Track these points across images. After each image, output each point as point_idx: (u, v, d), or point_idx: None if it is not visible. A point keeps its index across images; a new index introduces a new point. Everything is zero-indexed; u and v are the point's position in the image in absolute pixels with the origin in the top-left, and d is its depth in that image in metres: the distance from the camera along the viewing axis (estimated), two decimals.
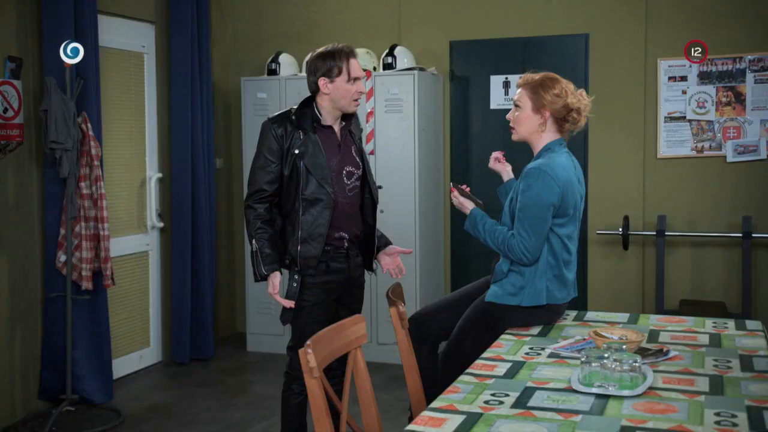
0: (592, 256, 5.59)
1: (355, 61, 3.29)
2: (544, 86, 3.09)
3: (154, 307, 5.54)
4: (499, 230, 3.11)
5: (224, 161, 6.27)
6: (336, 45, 3.32)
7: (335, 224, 3.29)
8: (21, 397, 4.50)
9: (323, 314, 3.31)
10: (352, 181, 3.35)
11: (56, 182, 4.44)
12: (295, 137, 3.25)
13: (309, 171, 3.23)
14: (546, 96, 3.07)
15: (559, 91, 3.08)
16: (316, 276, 3.28)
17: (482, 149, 5.82)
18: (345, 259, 3.35)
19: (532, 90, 3.10)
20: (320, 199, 3.24)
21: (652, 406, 2.15)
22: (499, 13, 5.71)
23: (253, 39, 6.25)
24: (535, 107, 3.10)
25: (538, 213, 3.00)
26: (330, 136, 3.33)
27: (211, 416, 4.57)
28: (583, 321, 3.18)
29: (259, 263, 3.25)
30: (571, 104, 3.09)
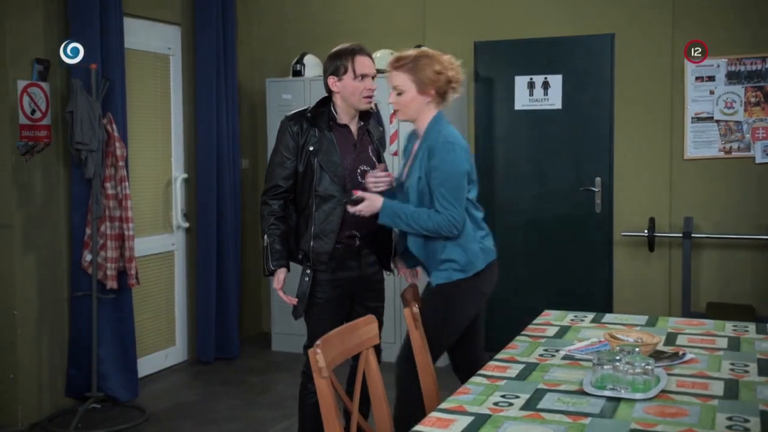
0: (617, 257, 5.54)
1: (362, 59, 3.29)
2: (424, 66, 3.10)
3: (179, 307, 5.61)
4: (420, 212, 3.09)
5: (250, 162, 6.32)
6: (345, 44, 3.35)
7: (347, 222, 3.31)
8: (48, 394, 4.57)
9: (335, 311, 3.34)
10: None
11: (82, 183, 4.50)
12: (310, 134, 3.30)
13: (322, 168, 3.27)
14: (429, 75, 3.09)
15: (440, 68, 3.11)
16: (327, 273, 3.31)
17: (507, 150, 5.80)
18: (356, 257, 3.36)
19: (413, 72, 3.10)
20: (333, 196, 3.28)
21: (663, 409, 2.13)
22: (523, 13, 5.68)
23: (278, 40, 6.29)
24: (420, 89, 3.11)
25: (457, 183, 3.07)
26: (346, 135, 3.36)
27: (234, 415, 4.60)
28: (600, 323, 3.15)
29: (268, 258, 3.32)
30: (452, 77, 3.14)
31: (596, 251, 5.59)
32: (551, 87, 5.61)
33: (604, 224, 5.55)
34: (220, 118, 5.59)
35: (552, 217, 5.69)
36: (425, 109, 3.16)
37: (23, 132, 4.34)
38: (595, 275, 5.60)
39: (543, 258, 5.72)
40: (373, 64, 3.34)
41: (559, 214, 5.67)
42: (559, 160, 5.65)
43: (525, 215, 5.76)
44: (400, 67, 3.13)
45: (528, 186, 5.74)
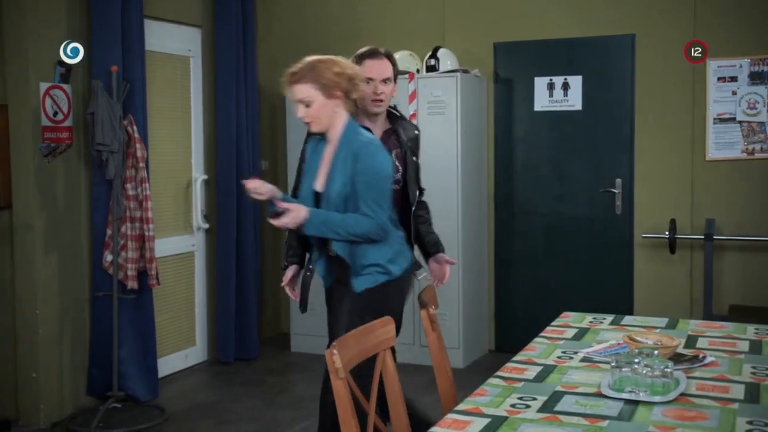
0: (637, 259, 5.50)
1: (371, 62, 3.31)
2: (322, 71, 3.03)
3: (199, 307, 5.64)
4: (348, 218, 3.06)
5: (269, 163, 6.34)
6: (362, 48, 3.38)
7: None
8: (70, 393, 4.61)
9: None
10: None
11: (103, 184, 4.54)
12: None
13: None
14: (330, 77, 3.03)
15: (338, 69, 3.06)
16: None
17: (527, 151, 5.78)
18: None
19: (315, 80, 3.03)
20: None
21: (682, 413, 2.11)
22: (543, 14, 5.66)
23: (297, 41, 6.31)
24: (327, 94, 3.04)
25: (383, 186, 3.06)
26: None
27: (253, 415, 4.62)
28: (619, 325, 3.13)
29: (284, 254, 3.44)
30: (352, 74, 3.08)
31: (616, 253, 5.55)
32: (571, 88, 5.58)
33: (625, 226, 5.51)
34: (240, 119, 5.61)
35: (572, 218, 5.66)
36: (336, 114, 3.09)
37: (46, 134, 4.38)
38: (615, 277, 5.56)
39: (563, 260, 5.69)
40: (385, 67, 3.32)
41: (579, 215, 5.64)
42: (579, 161, 5.62)
43: (544, 217, 5.74)
44: (298, 79, 3.06)
45: (548, 187, 5.71)
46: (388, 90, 3.33)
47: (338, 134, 3.11)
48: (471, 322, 5.61)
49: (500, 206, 5.84)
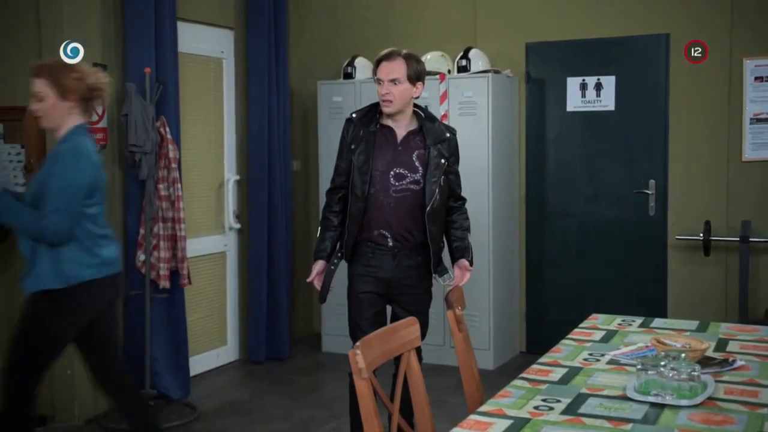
0: (671, 261, 5.43)
1: (384, 64, 3.39)
2: (62, 72, 3.12)
3: (231, 307, 5.68)
4: (27, 211, 3.10)
5: (301, 164, 6.38)
6: None
7: (375, 221, 3.42)
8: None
9: (369, 307, 3.46)
10: (402, 183, 3.41)
11: (136, 184, 4.60)
12: (357, 133, 3.44)
13: (355, 165, 3.41)
14: (68, 82, 3.11)
15: (78, 75, 3.14)
16: (357, 267, 3.48)
17: (559, 152, 5.74)
18: (390, 258, 3.43)
19: (52, 77, 3.11)
20: (357, 195, 3.41)
21: (709, 416, 2.08)
22: (575, 13, 5.61)
23: (329, 43, 6.34)
24: (61, 94, 3.12)
25: (72, 192, 3.07)
26: (388, 136, 3.44)
27: (283, 414, 4.65)
28: (648, 328, 3.09)
29: (315, 248, 3.57)
30: (93, 84, 3.18)
31: (650, 255, 5.49)
32: (604, 88, 5.53)
33: (658, 227, 5.45)
34: (272, 120, 5.65)
35: (604, 220, 5.61)
36: (68, 116, 3.17)
37: None
38: (648, 280, 5.50)
39: (595, 262, 5.64)
40: (395, 68, 3.35)
41: (612, 217, 5.59)
42: (611, 162, 5.57)
43: (577, 218, 5.69)
44: (39, 74, 3.15)
45: (580, 188, 5.67)
46: (397, 90, 3.35)
47: (61, 135, 3.21)
48: (501, 324, 5.58)
49: (532, 207, 5.80)
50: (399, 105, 3.38)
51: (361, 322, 3.45)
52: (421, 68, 3.44)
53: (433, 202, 3.40)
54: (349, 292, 3.53)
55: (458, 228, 3.57)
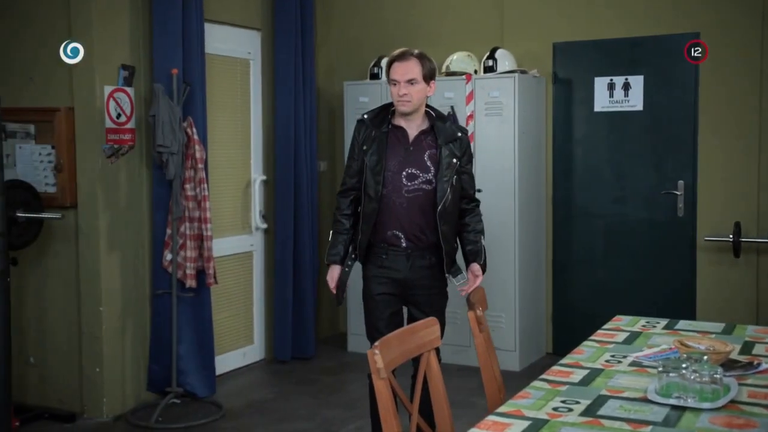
0: (700, 263, 5.36)
1: (396, 64, 3.40)
2: None
3: (257, 306, 5.72)
4: None
5: (327, 164, 6.40)
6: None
7: (388, 222, 3.43)
8: (131, 387, 4.74)
9: (385, 308, 3.48)
10: (414, 183, 3.41)
11: (163, 184, 4.65)
12: (369, 134, 3.46)
13: (368, 166, 3.42)
14: None
15: None
16: (371, 269, 3.49)
17: (586, 152, 5.70)
18: (404, 259, 3.44)
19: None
20: (370, 195, 3.42)
21: (730, 420, 2.05)
22: (603, 13, 5.57)
23: (356, 43, 6.35)
24: None
25: None
26: (400, 137, 3.45)
27: (307, 414, 4.67)
28: (673, 330, 3.06)
29: (327, 253, 3.59)
30: None
31: (678, 256, 5.43)
32: (632, 88, 5.48)
33: (687, 229, 5.38)
34: (298, 121, 5.68)
35: (632, 221, 5.56)
36: None
37: (109, 135, 4.51)
38: (676, 281, 5.44)
39: (622, 263, 5.59)
40: (409, 68, 3.36)
41: (640, 217, 5.53)
42: (639, 162, 5.52)
43: (604, 219, 5.64)
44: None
45: (608, 189, 5.62)
46: (414, 90, 3.36)
47: None
48: (527, 325, 5.56)
49: (558, 208, 5.77)
50: (416, 104, 3.39)
51: (378, 324, 3.47)
52: (433, 67, 3.45)
53: (445, 201, 3.40)
54: (364, 294, 3.54)
55: (471, 231, 3.55)
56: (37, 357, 4.74)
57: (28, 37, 4.58)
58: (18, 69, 4.63)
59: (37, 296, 4.73)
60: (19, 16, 4.65)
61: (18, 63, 4.62)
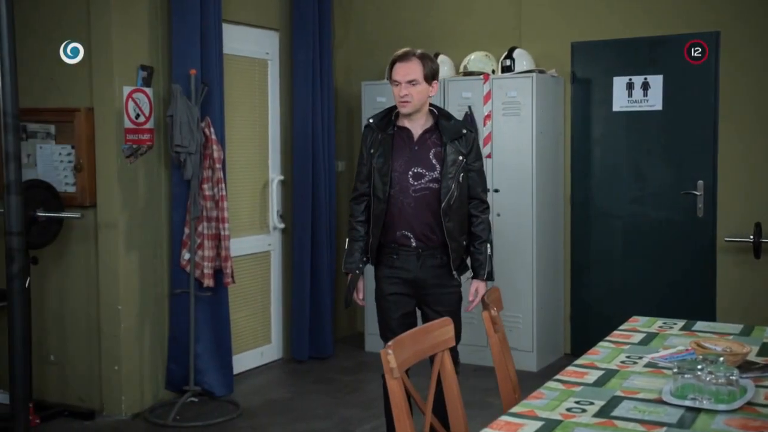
0: (720, 264, 5.31)
1: (399, 65, 3.40)
2: None
3: (275, 306, 5.74)
4: None
5: (346, 164, 6.41)
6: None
7: (397, 222, 3.43)
8: (150, 386, 4.77)
9: (396, 309, 3.49)
10: (421, 182, 3.41)
11: (181, 184, 4.67)
12: (375, 138, 3.48)
13: (375, 168, 3.44)
14: None
15: None
16: (383, 270, 3.51)
17: (604, 152, 5.67)
18: (415, 259, 3.44)
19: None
20: (378, 196, 3.43)
21: (746, 422, 2.04)
22: (622, 12, 5.53)
23: (374, 43, 6.35)
24: None
25: None
26: (405, 137, 3.45)
27: (324, 413, 4.68)
28: (690, 331, 3.04)
29: (345, 260, 3.59)
30: None
31: (698, 257, 5.38)
32: (651, 87, 5.45)
33: (707, 229, 5.34)
34: (316, 121, 5.69)
35: (651, 221, 5.52)
36: None
37: (128, 135, 4.55)
38: (696, 283, 5.39)
39: (641, 263, 5.55)
40: (411, 69, 3.36)
41: (659, 218, 5.49)
42: (658, 162, 5.48)
43: (623, 219, 5.61)
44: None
45: (626, 189, 5.59)
46: (415, 91, 3.36)
47: None
48: (545, 326, 5.53)
49: (577, 208, 5.74)
50: (417, 105, 3.39)
51: (391, 323, 3.48)
52: (435, 67, 3.44)
53: (449, 198, 3.38)
54: (376, 295, 3.55)
55: (477, 239, 3.52)
56: (57, 355, 4.79)
57: (49, 38, 4.62)
58: (38, 70, 4.68)
59: (57, 295, 4.78)
60: (39, 17, 4.70)
61: (38, 64, 4.67)
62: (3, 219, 3.49)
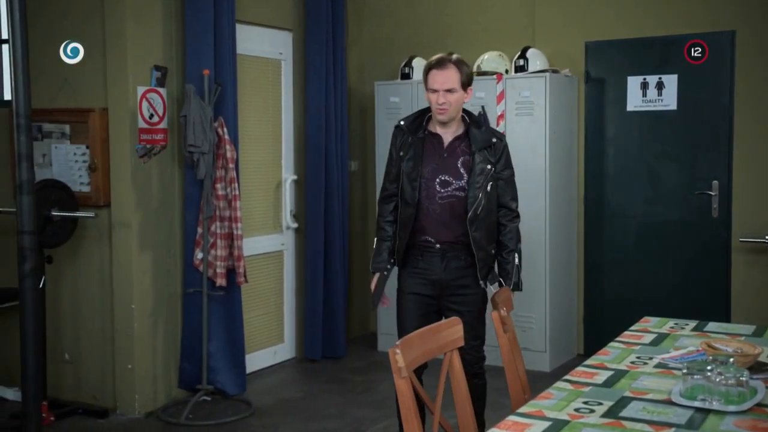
0: (735, 265, 5.27)
1: (435, 72, 3.36)
2: None
3: (288, 305, 5.75)
4: None
5: (359, 164, 6.41)
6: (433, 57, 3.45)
7: (422, 228, 3.43)
8: (163, 384, 4.79)
9: (415, 308, 3.49)
10: (447, 190, 3.40)
11: (194, 184, 4.69)
12: (406, 141, 3.46)
13: (404, 172, 3.43)
14: None
15: None
16: (408, 269, 3.51)
17: (618, 152, 5.64)
18: (439, 260, 3.44)
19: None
20: (407, 201, 3.43)
21: (755, 423, 2.02)
22: (636, 11, 5.50)
23: (387, 43, 6.36)
24: None
25: None
26: (435, 143, 3.45)
27: (336, 413, 4.68)
28: (702, 332, 3.02)
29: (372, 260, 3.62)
30: None
31: (712, 258, 5.35)
32: (666, 87, 5.41)
33: (722, 230, 5.30)
34: (329, 121, 5.70)
35: (666, 222, 5.49)
36: None
37: (142, 135, 4.58)
38: (711, 283, 5.36)
39: (655, 264, 5.52)
40: (448, 77, 3.33)
41: (673, 218, 5.46)
42: (673, 162, 5.45)
43: (637, 219, 5.58)
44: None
45: (640, 189, 5.56)
46: (453, 99, 3.35)
47: None
48: (558, 326, 5.51)
49: (590, 209, 5.72)
50: (453, 113, 3.39)
51: (405, 323, 3.49)
52: (470, 73, 3.44)
53: (476, 208, 3.37)
54: (398, 293, 3.56)
55: (505, 248, 3.51)
56: (72, 354, 4.83)
57: (64, 38, 4.66)
58: (53, 70, 4.71)
59: (72, 294, 4.81)
60: (54, 18, 4.74)
61: (53, 64, 4.70)
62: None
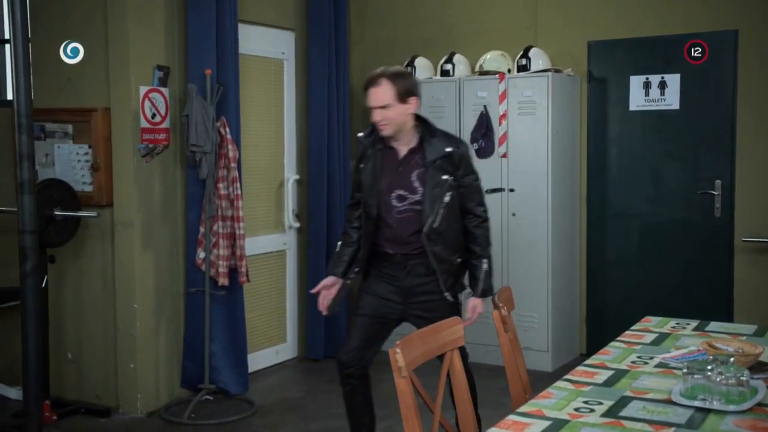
0: (738, 265, 5.27)
1: (369, 90, 3.32)
2: None
3: (290, 304, 5.76)
4: None
5: None
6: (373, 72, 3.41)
7: (382, 240, 3.42)
8: (165, 384, 4.80)
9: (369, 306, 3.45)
10: (404, 204, 3.36)
11: (196, 183, 4.70)
12: (364, 152, 3.47)
13: (364, 184, 3.43)
14: None
15: None
16: (372, 272, 3.49)
17: (621, 152, 5.64)
18: (401, 269, 3.42)
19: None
20: (367, 214, 3.43)
21: (756, 423, 2.02)
22: (639, 11, 5.49)
23: (390, 43, 6.35)
24: None
25: None
26: (392, 156, 3.41)
27: (338, 412, 4.67)
28: (703, 331, 3.02)
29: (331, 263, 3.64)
30: None
31: (715, 258, 5.34)
32: (668, 87, 5.41)
33: (724, 229, 5.29)
34: (332, 120, 5.70)
35: (668, 221, 5.48)
36: None
37: (144, 135, 4.58)
38: (713, 283, 5.35)
39: (658, 264, 5.51)
40: (381, 94, 3.26)
41: (676, 218, 5.46)
42: (675, 162, 5.44)
43: (639, 219, 5.58)
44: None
45: (642, 189, 5.55)
46: (390, 114, 3.27)
47: None
48: (560, 326, 5.51)
49: (593, 208, 5.71)
50: (396, 126, 3.30)
51: (356, 320, 3.48)
52: (410, 83, 3.32)
53: (432, 222, 3.30)
54: (359, 288, 3.54)
55: (472, 255, 3.45)
56: (74, 353, 4.84)
57: (66, 38, 4.67)
58: (56, 70, 4.72)
59: (74, 293, 4.82)
60: (56, 17, 4.75)
61: (56, 64, 4.71)
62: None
